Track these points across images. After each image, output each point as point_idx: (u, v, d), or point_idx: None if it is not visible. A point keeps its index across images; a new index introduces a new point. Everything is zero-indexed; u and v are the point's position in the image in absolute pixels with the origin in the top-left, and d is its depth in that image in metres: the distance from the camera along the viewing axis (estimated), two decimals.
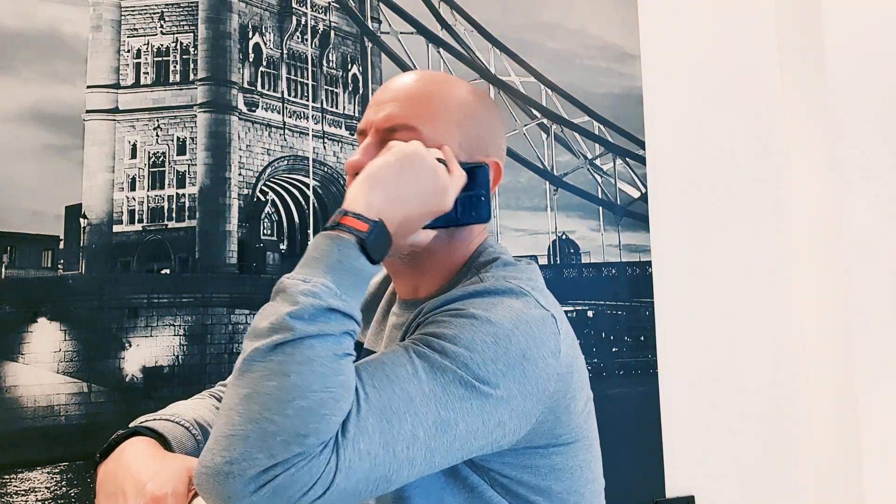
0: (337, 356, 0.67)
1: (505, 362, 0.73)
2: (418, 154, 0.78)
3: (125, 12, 1.73)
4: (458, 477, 0.80)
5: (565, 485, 0.82)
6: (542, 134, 2.01)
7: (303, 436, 0.63)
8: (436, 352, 0.72)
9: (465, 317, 0.75)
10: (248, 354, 0.67)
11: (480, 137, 0.88)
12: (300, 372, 0.65)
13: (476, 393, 0.71)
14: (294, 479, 0.63)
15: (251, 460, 0.63)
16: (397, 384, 0.70)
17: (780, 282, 2.06)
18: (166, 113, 1.73)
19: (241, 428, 0.64)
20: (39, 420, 1.56)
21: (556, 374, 0.77)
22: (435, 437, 0.69)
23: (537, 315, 0.77)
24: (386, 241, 0.74)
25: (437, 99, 0.87)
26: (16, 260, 1.59)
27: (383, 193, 0.75)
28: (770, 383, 2.03)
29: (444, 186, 0.79)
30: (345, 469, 0.64)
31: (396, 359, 0.72)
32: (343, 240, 0.71)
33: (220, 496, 0.64)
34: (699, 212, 2.04)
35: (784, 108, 2.12)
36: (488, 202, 0.85)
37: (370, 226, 0.72)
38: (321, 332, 0.67)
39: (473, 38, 1.97)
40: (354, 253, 0.71)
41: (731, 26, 2.13)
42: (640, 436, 1.93)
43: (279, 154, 1.82)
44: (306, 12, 1.87)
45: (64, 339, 1.59)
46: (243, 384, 0.66)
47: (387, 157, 0.77)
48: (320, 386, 0.65)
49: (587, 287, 2.00)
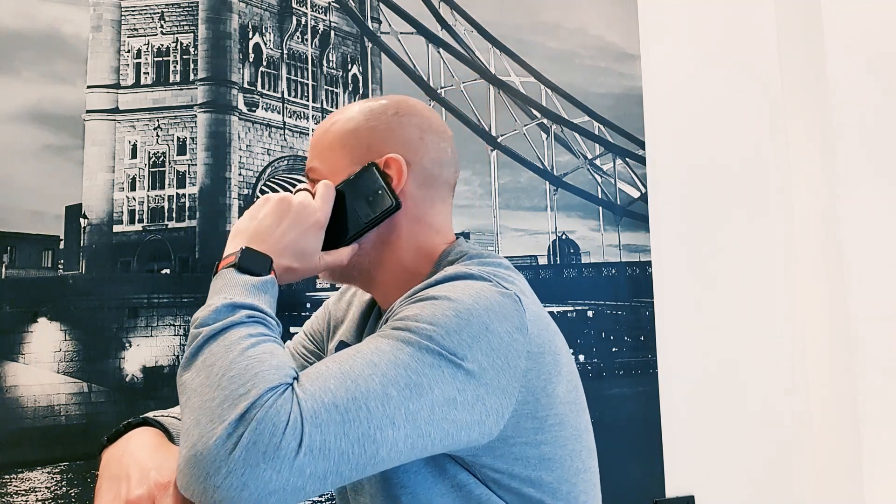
0: (252, 336, 0.73)
1: (468, 334, 0.74)
2: (266, 196, 0.90)
3: (125, 12, 1.74)
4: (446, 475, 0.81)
5: (556, 474, 0.83)
6: (542, 134, 2.01)
7: (243, 393, 0.67)
8: (399, 330, 0.75)
9: (425, 300, 0.78)
10: (179, 379, 0.73)
11: (371, 144, 0.93)
12: (220, 356, 0.71)
13: (446, 361, 0.73)
14: (259, 431, 0.64)
15: (209, 433, 0.65)
16: (359, 356, 0.73)
17: (780, 282, 2.06)
18: (166, 113, 1.73)
19: (190, 419, 0.68)
20: (39, 420, 1.56)
21: (526, 352, 0.78)
22: (411, 398, 0.70)
23: (497, 292, 0.79)
24: (258, 257, 0.83)
25: (328, 133, 0.96)
26: (16, 260, 1.59)
27: (242, 234, 0.86)
28: (770, 383, 2.03)
29: (300, 204, 0.88)
30: (311, 418, 0.66)
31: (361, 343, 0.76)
32: (221, 273, 0.81)
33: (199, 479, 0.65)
34: (699, 212, 2.04)
35: (784, 107, 2.12)
36: (388, 192, 0.89)
37: (235, 254, 0.82)
38: (227, 324, 0.74)
39: (473, 38, 1.97)
40: (233, 274, 0.80)
41: (732, 26, 2.13)
42: (640, 436, 1.93)
43: (279, 154, 1.82)
44: (306, 12, 1.87)
45: (64, 339, 1.59)
46: (182, 395, 0.72)
47: (239, 221, 0.90)
48: (242, 357, 0.70)
49: (587, 287, 2.00)
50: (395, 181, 0.90)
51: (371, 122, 0.94)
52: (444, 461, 0.80)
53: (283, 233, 0.86)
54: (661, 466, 1.93)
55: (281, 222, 0.86)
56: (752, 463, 1.99)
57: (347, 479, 0.69)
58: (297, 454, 0.64)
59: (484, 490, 0.80)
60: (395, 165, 0.90)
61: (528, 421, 0.80)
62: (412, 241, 0.92)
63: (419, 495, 0.81)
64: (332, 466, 0.66)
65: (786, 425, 2.02)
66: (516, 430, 0.79)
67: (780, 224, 2.08)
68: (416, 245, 0.92)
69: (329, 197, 0.90)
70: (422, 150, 0.93)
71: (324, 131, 0.96)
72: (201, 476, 0.64)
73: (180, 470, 0.67)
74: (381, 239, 0.92)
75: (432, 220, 0.94)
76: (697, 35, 2.10)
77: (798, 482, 2.00)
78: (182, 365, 0.73)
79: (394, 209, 0.89)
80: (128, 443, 0.81)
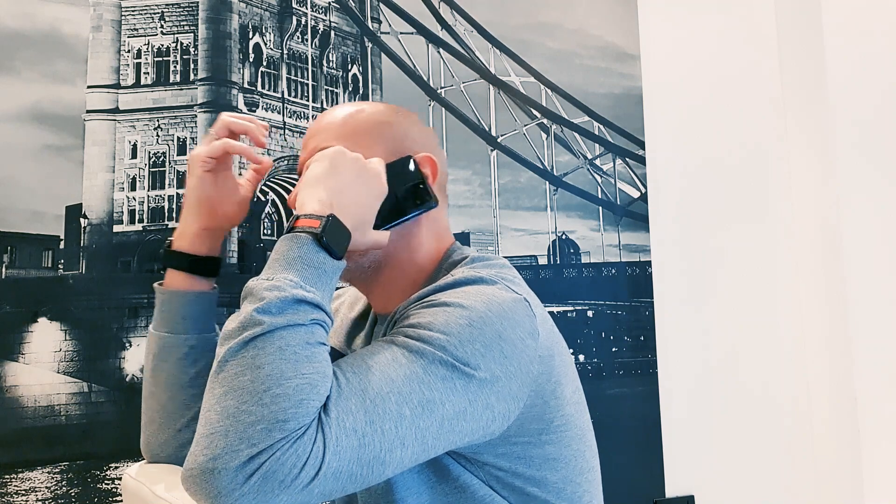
0: (309, 344, 0.69)
1: (482, 343, 0.74)
2: (339, 150, 0.84)
3: (125, 12, 1.73)
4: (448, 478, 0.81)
5: (560, 474, 0.83)
6: (542, 134, 2.01)
7: (282, 421, 0.64)
8: (412, 339, 0.74)
9: (437, 305, 0.77)
10: (221, 356, 0.68)
11: (404, 140, 0.92)
12: (272, 362, 0.66)
13: (459, 373, 0.72)
14: (281, 462, 0.63)
15: (234, 452, 0.63)
16: (376, 369, 0.71)
17: (780, 281, 2.06)
18: (166, 113, 1.73)
19: (219, 425, 0.65)
20: (39, 420, 1.56)
21: (538, 357, 0.78)
22: (422, 416, 0.70)
23: (509, 298, 0.79)
24: (342, 233, 0.77)
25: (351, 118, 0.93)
26: (16, 260, 1.59)
27: (325, 189, 0.79)
28: (770, 383, 2.03)
29: (374, 170, 0.84)
30: (332, 446, 0.65)
31: (374, 349, 0.74)
32: (299, 238, 0.75)
33: (210, 494, 0.64)
34: (699, 212, 2.04)
35: (784, 107, 2.12)
36: (428, 189, 0.89)
37: (322, 221, 0.75)
38: (290, 322, 0.69)
39: (473, 38, 1.97)
40: (313, 248, 0.74)
41: (732, 26, 2.13)
42: (640, 436, 1.93)
43: (279, 154, 1.82)
44: (306, 12, 1.87)
45: (64, 339, 1.59)
46: (218, 384, 0.67)
47: (315, 163, 0.83)
48: (294, 373, 0.66)
49: (587, 287, 2.00)
50: (430, 180, 0.90)
51: (400, 120, 0.94)
52: (447, 463, 0.80)
53: (360, 196, 0.82)
54: (661, 466, 1.93)
55: (359, 184, 0.82)
56: (752, 463, 1.99)
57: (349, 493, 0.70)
58: (311, 481, 0.64)
59: (488, 491, 0.80)
60: (431, 164, 0.91)
61: (533, 422, 0.80)
62: (427, 241, 0.93)
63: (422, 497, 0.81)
64: (339, 486, 0.67)
65: (786, 425, 2.02)
66: (519, 430, 0.79)
67: (780, 223, 2.08)
68: (429, 245, 0.93)
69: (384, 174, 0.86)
70: (440, 156, 0.94)
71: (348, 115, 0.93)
72: (212, 492, 0.64)
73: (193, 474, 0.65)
74: (401, 234, 0.90)
75: (442, 222, 0.95)
76: (697, 35, 2.10)
77: (798, 482, 2.00)
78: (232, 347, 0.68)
79: (432, 206, 0.90)
80: None
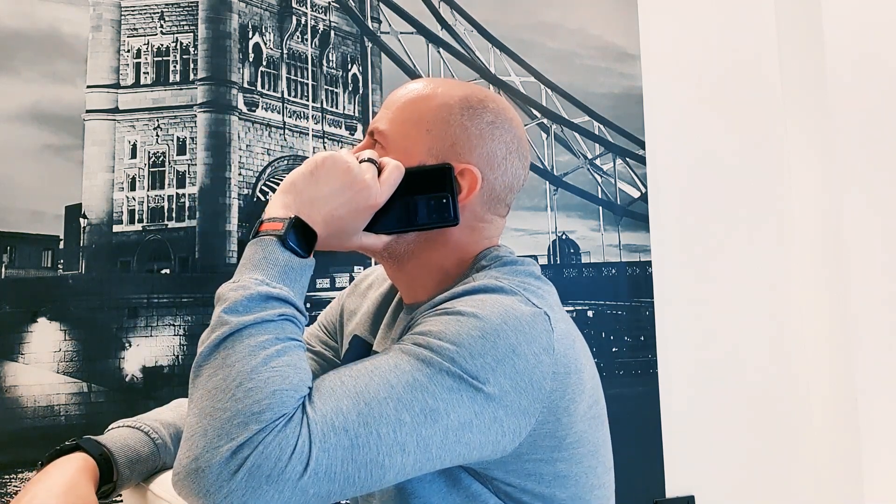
0: (279, 339, 0.69)
1: (493, 356, 0.72)
2: (331, 157, 0.81)
3: (125, 12, 1.73)
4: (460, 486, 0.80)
5: (570, 492, 0.81)
6: (542, 134, 2.01)
7: (257, 413, 0.64)
8: (421, 347, 0.72)
9: (451, 314, 0.75)
10: (195, 362, 0.69)
11: (456, 144, 0.86)
12: (242, 359, 0.67)
13: (466, 385, 0.71)
14: (265, 455, 0.63)
15: (214, 449, 0.64)
16: (377, 374, 0.70)
17: (780, 281, 2.06)
18: (166, 113, 1.73)
19: (198, 426, 0.66)
20: (39, 420, 1.56)
21: (552, 374, 0.76)
22: (424, 424, 0.69)
23: (527, 311, 0.77)
24: (306, 233, 0.76)
25: (416, 105, 0.88)
26: (16, 260, 1.59)
27: (295, 195, 0.78)
28: (770, 383, 2.03)
29: (363, 182, 0.80)
30: (319, 442, 0.65)
31: (380, 356, 0.73)
32: (263, 241, 0.75)
33: (199, 493, 0.64)
34: (699, 212, 2.04)
35: (784, 107, 2.12)
36: (452, 204, 0.84)
37: (284, 223, 0.75)
38: (257, 319, 0.69)
39: (473, 38, 1.97)
40: (277, 248, 0.74)
41: (732, 26, 2.13)
42: (640, 436, 1.93)
43: (279, 154, 1.82)
44: (306, 12, 1.87)
45: (64, 339, 1.59)
46: (195, 389, 0.68)
47: (300, 167, 0.81)
48: (265, 367, 0.67)
49: (587, 287, 2.00)
50: (462, 194, 0.85)
51: (465, 121, 0.87)
52: (458, 472, 0.79)
53: (338, 208, 0.79)
54: (661, 466, 1.93)
55: (340, 195, 0.79)
56: (752, 463, 1.99)
57: (352, 497, 0.69)
58: (301, 477, 0.64)
59: (497, 502, 0.80)
60: (470, 179, 0.85)
61: (545, 439, 0.78)
62: (457, 249, 0.88)
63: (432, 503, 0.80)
64: (336, 488, 0.66)
65: (786, 425, 2.02)
66: (532, 448, 0.78)
67: (780, 223, 2.08)
68: (460, 252, 0.88)
69: (395, 182, 0.82)
70: (500, 171, 0.88)
71: (411, 101, 0.88)
72: (201, 492, 0.64)
73: (179, 477, 0.65)
74: (424, 237, 0.87)
75: (483, 231, 0.89)
76: (697, 35, 2.10)
77: (798, 482, 2.00)
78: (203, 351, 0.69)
79: (450, 225, 0.84)
80: (43, 476, 0.80)
